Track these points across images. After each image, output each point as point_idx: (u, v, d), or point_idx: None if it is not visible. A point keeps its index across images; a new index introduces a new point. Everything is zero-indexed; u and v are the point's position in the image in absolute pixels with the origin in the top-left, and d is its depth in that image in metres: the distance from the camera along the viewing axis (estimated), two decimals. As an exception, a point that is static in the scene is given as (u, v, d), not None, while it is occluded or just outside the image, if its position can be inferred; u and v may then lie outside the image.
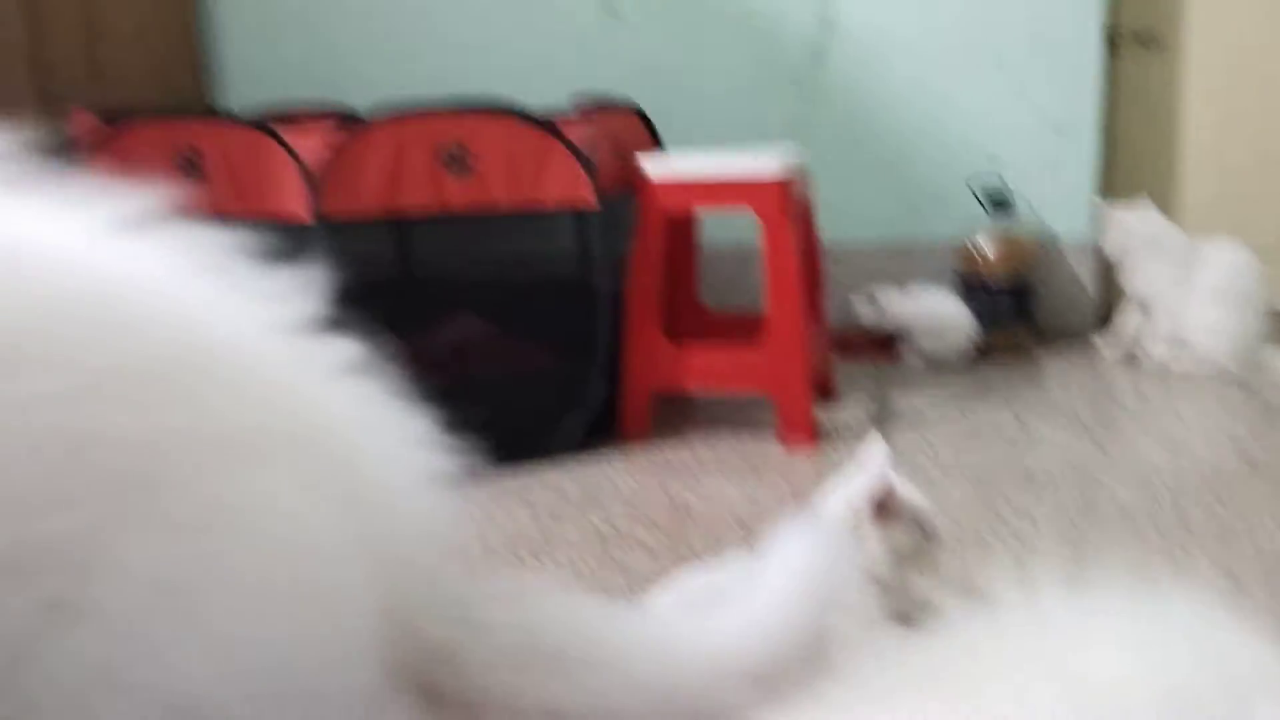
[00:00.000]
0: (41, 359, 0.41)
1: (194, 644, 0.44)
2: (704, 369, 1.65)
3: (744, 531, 1.29)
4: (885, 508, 1.00)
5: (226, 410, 0.46)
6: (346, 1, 2.30)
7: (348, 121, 1.86)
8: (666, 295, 1.68)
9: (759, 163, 1.60)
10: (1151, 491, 1.38)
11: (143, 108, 1.72)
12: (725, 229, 1.99)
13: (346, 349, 0.52)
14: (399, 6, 2.28)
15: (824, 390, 1.82)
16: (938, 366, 2.05)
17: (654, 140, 1.93)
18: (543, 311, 2.06)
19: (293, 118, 1.89)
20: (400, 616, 0.50)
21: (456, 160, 1.55)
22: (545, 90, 2.09)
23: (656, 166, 1.64)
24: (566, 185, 1.57)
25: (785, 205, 1.59)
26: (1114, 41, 2.16)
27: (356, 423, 0.52)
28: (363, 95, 2.21)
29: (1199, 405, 1.77)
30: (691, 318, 1.92)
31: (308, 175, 1.50)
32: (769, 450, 1.59)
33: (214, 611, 0.44)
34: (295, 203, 1.51)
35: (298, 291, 0.51)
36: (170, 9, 2.21)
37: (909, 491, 1.03)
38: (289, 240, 1.62)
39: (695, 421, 1.76)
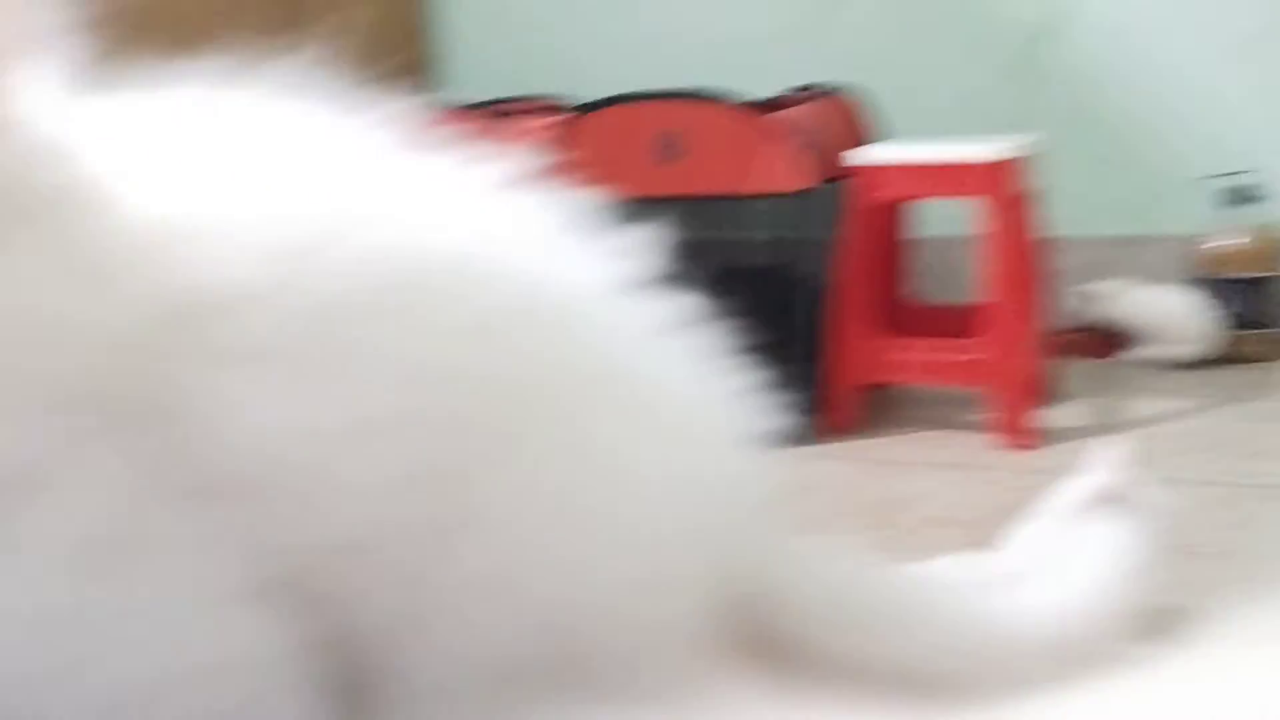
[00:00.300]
0: (430, 301, 0.48)
1: (563, 564, 0.49)
2: (916, 363, 1.61)
3: (954, 530, 1.25)
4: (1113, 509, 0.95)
5: (578, 359, 0.52)
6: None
7: (563, 112, 1.90)
8: (876, 286, 1.64)
9: (979, 149, 1.54)
10: None
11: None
12: (938, 219, 1.92)
13: (678, 306, 0.57)
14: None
15: (1042, 389, 1.74)
16: (1169, 369, 1.92)
17: (869, 127, 1.89)
18: (748, 300, 2.06)
19: (511, 110, 1.95)
20: (723, 565, 0.54)
21: (670, 147, 1.56)
22: (761, 78, 2.08)
23: (870, 154, 1.61)
24: (777, 172, 1.56)
25: (1007, 193, 1.53)
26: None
27: (688, 374, 0.56)
28: (583, 88, 2.26)
29: None
30: (902, 310, 1.86)
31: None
32: (981, 449, 1.53)
33: (576, 536, 0.50)
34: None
35: (635, 251, 0.56)
36: (400, 6, 2.32)
37: (1138, 494, 0.97)
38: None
39: (902, 417, 1.71)
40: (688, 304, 0.58)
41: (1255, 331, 1.94)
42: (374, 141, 0.52)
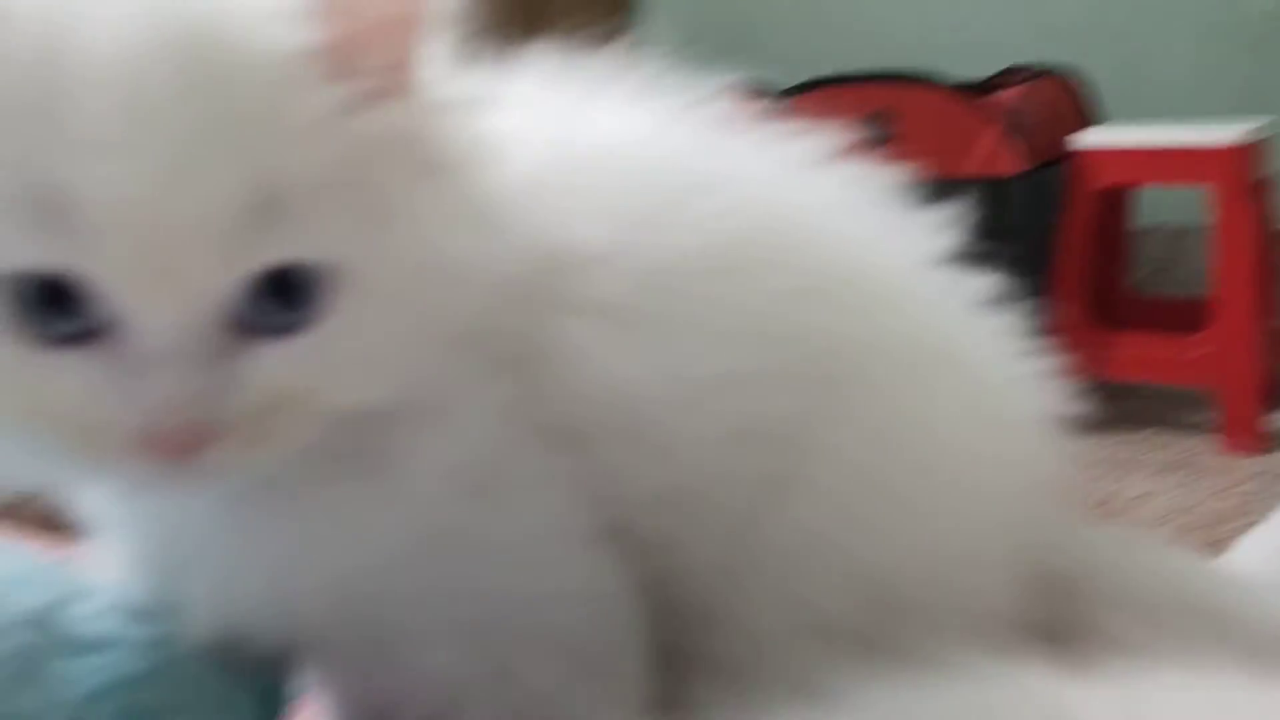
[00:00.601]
0: (768, 263, 0.49)
1: (886, 528, 0.50)
2: (1136, 358, 1.53)
3: (1174, 534, 1.19)
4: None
5: (900, 327, 0.52)
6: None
7: (766, 95, 1.89)
8: (1095, 277, 1.57)
9: (1211, 132, 1.45)
10: None
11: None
12: (1165, 206, 1.82)
13: (988, 282, 0.57)
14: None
15: (1273, 389, 1.63)
16: None
17: (1092, 110, 1.81)
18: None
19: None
20: (1026, 545, 0.54)
21: (877, 129, 1.53)
22: (974, 59, 2.01)
23: (1093, 137, 1.54)
24: (991, 154, 1.51)
25: (1241, 180, 1.43)
26: None
27: (998, 351, 0.56)
28: (785, 71, 2.24)
29: None
30: (1122, 302, 1.77)
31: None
32: (1205, 451, 1.45)
33: (900, 502, 0.50)
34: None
35: (945, 227, 0.57)
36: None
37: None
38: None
39: (1122, 415, 1.63)
40: (990, 281, 0.57)
41: None
42: (703, 116, 0.55)
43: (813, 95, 1.56)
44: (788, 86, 1.65)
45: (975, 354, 0.55)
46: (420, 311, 0.39)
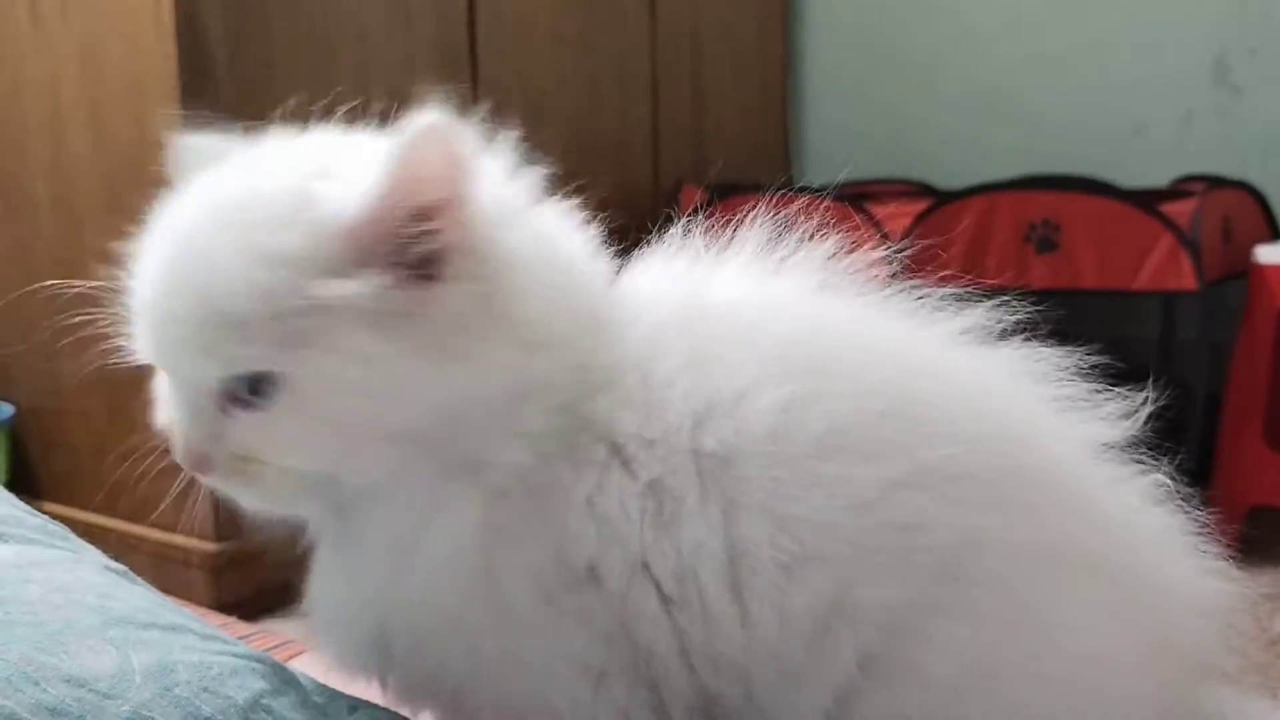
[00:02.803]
0: (880, 447, 0.49)
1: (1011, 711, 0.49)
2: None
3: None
4: None
5: (1039, 521, 0.51)
6: (930, 79, 2.33)
7: (929, 196, 1.88)
8: (1272, 400, 1.49)
9: None
10: None
11: (742, 183, 1.86)
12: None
13: (1155, 478, 0.55)
14: (982, 82, 2.26)
15: None
16: None
17: (1272, 224, 1.73)
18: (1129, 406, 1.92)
19: (873, 194, 1.95)
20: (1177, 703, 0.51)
21: (1044, 237, 1.50)
22: (1144, 169, 1.96)
23: (1273, 253, 1.47)
24: (1163, 268, 1.45)
25: None
26: None
27: (1159, 552, 0.54)
28: (943, 173, 2.22)
29: None
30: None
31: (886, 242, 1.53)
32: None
33: (1012, 702, 0.49)
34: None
35: (1123, 412, 0.55)
36: (766, 93, 2.39)
37: None
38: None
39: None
40: (1161, 478, 0.55)
41: None
42: (840, 280, 0.56)
43: (974, 202, 1.54)
44: (948, 191, 1.64)
45: (1127, 557, 0.53)
46: (345, 417, 0.49)
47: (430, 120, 0.46)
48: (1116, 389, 0.55)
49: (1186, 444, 1.46)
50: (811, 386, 0.49)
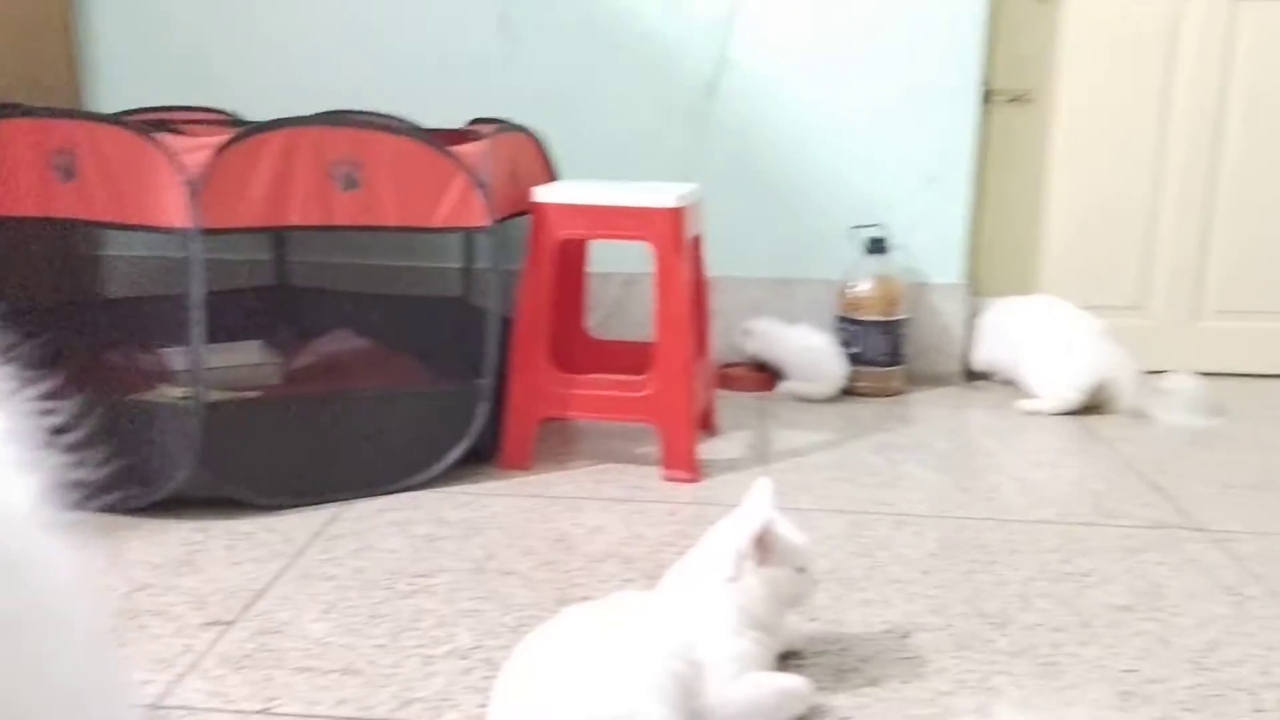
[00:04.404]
0: None
1: None
2: (589, 398, 1.65)
3: (621, 565, 1.29)
4: (767, 547, 1.02)
5: None
6: (226, 13, 2.23)
7: (233, 127, 1.80)
8: (554, 322, 1.68)
9: (654, 195, 1.62)
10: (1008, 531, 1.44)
11: (13, 104, 1.63)
12: (622, 256, 1.99)
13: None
14: (282, 19, 2.22)
15: (707, 423, 1.85)
16: (811, 402, 2.09)
17: (549, 166, 1.94)
18: (428, 331, 2.03)
19: (172, 122, 1.83)
20: None
21: (346, 175, 1.52)
22: (440, 111, 2.07)
23: (551, 192, 1.64)
24: (457, 205, 1.55)
25: (678, 239, 1.61)
26: (987, 97, 2.25)
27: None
28: (245, 106, 2.15)
29: (1051, 444, 1.85)
30: (578, 346, 1.92)
31: (190, 183, 1.44)
32: (651, 482, 1.60)
33: None
34: (174, 210, 1.45)
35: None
36: (46, 7, 2.11)
37: (790, 531, 1.05)
38: (166, 246, 1.56)
39: (577, 450, 1.76)
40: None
41: (884, 369, 2.16)
42: None
43: (275, 137, 1.50)
44: (249, 123, 1.59)
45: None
46: None
47: None
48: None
49: (483, 368, 1.60)
50: None
